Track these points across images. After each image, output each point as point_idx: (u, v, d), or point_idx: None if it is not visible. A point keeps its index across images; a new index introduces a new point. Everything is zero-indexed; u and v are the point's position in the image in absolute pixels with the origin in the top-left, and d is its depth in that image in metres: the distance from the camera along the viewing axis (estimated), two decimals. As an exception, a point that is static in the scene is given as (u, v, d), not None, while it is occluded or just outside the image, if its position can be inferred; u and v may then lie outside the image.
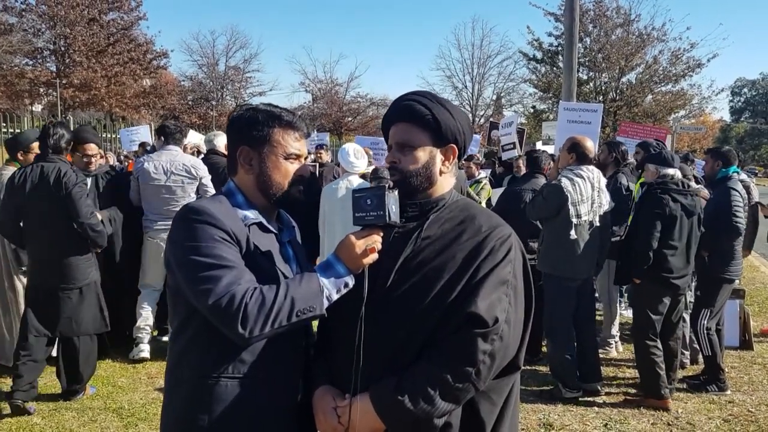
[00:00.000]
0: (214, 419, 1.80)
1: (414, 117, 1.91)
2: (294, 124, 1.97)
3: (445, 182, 1.98)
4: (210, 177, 5.96)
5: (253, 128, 1.93)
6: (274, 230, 1.99)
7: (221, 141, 6.47)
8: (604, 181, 5.31)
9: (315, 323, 1.99)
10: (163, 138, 6.09)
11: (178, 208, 5.71)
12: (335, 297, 1.79)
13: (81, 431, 4.36)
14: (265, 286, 1.74)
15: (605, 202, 5.21)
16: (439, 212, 1.93)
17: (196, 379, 1.83)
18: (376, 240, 1.80)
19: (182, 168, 5.81)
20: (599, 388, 5.25)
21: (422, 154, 1.91)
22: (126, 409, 4.73)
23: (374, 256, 1.80)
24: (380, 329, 1.80)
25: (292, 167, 1.97)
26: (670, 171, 5.04)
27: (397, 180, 1.87)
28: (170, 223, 5.98)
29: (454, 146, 1.96)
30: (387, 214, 1.75)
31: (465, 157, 9.15)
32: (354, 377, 1.77)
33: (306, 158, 2.04)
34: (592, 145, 5.30)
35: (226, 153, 5.81)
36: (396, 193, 1.80)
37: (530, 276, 1.91)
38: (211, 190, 5.80)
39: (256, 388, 1.83)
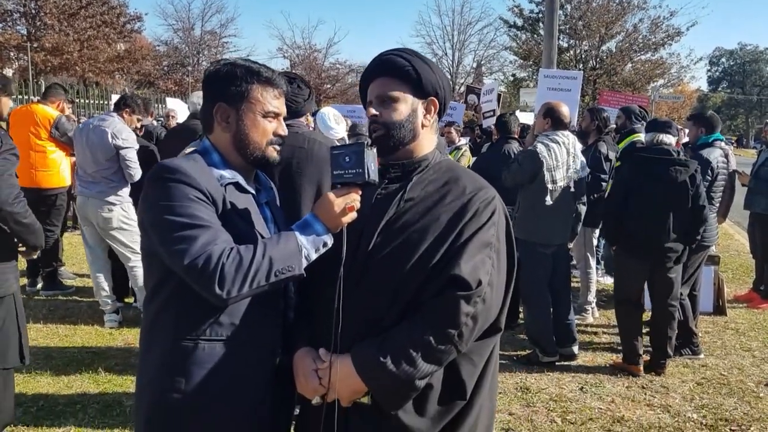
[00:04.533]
0: (191, 382, 1.77)
1: (394, 70, 1.88)
2: (273, 80, 1.90)
3: (427, 140, 1.94)
4: (135, 149, 5.82)
5: (231, 84, 1.86)
6: (251, 190, 1.93)
7: None
8: (579, 146, 5.30)
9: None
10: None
11: (101, 173, 5.63)
12: (314, 257, 1.76)
13: (56, 398, 4.31)
14: (242, 246, 1.70)
15: (580, 167, 5.21)
16: (422, 173, 1.90)
17: (171, 341, 1.79)
18: (355, 198, 1.76)
19: (102, 133, 5.66)
20: (575, 351, 5.31)
21: (404, 106, 1.87)
22: (102, 375, 4.69)
23: (353, 215, 1.77)
24: (363, 292, 1.78)
25: (271, 126, 1.91)
26: (661, 136, 4.99)
27: (381, 135, 1.84)
28: (95, 185, 5.80)
29: (435, 99, 1.93)
30: (366, 171, 1.71)
31: (446, 123, 9.12)
32: (333, 338, 1.75)
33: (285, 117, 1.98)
34: (567, 111, 5.27)
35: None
36: (375, 150, 1.77)
37: (513, 239, 1.90)
38: (132, 165, 5.71)
39: (233, 351, 1.81)
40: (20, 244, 3.57)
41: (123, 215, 5.73)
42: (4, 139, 3.38)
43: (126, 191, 5.79)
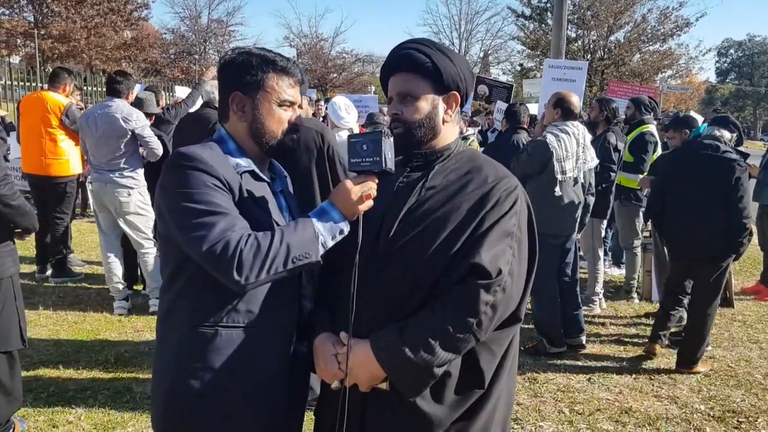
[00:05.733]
0: (208, 368, 1.79)
1: (414, 66, 1.87)
2: (288, 69, 1.90)
3: (449, 132, 1.94)
4: (149, 125, 5.85)
5: (247, 73, 1.86)
6: (266, 179, 1.94)
7: None
8: (589, 137, 5.28)
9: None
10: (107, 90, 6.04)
11: (117, 159, 5.65)
12: (330, 244, 1.77)
13: (66, 384, 4.34)
14: (260, 233, 1.71)
15: (590, 158, 5.19)
16: (444, 162, 1.90)
17: (189, 328, 1.80)
18: (372, 186, 1.77)
19: (112, 120, 5.65)
20: (583, 341, 5.33)
21: (424, 104, 1.86)
22: (112, 363, 4.71)
23: (369, 203, 1.78)
24: (384, 278, 1.79)
25: (286, 115, 1.91)
26: (714, 131, 4.91)
27: (402, 133, 1.84)
28: (111, 173, 5.73)
29: (456, 93, 1.91)
30: (383, 160, 1.72)
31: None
32: (349, 323, 1.76)
33: (300, 106, 1.99)
34: (577, 101, 5.26)
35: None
36: (392, 139, 1.77)
37: (534, 229, 1.90)
38: (151, 140, 5.72)
39: (249, 337, 1.82)
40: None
41: (140, 200, 5.76)
42: None
43: (141, 174, 5.81)
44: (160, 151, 5.74)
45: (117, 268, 5.86)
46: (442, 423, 1.79)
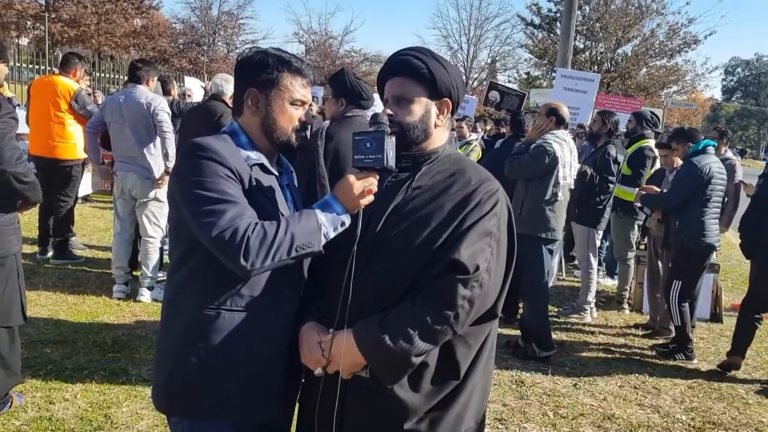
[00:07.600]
0: (211, 348, 1.89)
1: (410, 71, 1.97)
2: (302, 70, 2.02)
3: (439, 135, 2.04)
4: (168, 113, 5.89)
5: (263, 71, 1.98)
6: (275, 172, 2.05)
7: (230, 90, 6.02)
8: (574, 145, 5.46)
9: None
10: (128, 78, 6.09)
11: (141, 148, 5.72)
12: (332, 235, 1.87)
13: (64, 363, 4.44)
14: (266, 222, 1.81)
15: (575, 165, 5.41)
16: (431, 164, 2.00)
17: (194, 309, 1.91)
18: (373, 182, 1.87)
19: (137, 105, 5.71)
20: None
21: (418, 107, 1.96)
22: (109, 345, 4.80)
23: (370, 198, 1.88)
24: (369, 272, 1.88)
25: (297, 113, 2.02)
26: None
27: (396, 133, 1.93)
28: (134, 158, 5.73)
29: (448, 100, 2.01)
30: (385, 157, 1.82)
31: (457, 117, 9.21)
32: (340, 313, 1.86)
33: (310, 106, 2.09)
34: (567, 111, 5.44)
35: (228, 102, 5.62)
36: (393, 139, 1.87)
37: (514, 230, 1.99)
38: (165, 125, 5.77)
39: (252, 321, 1.92)
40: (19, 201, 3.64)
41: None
42: (2, 103, 3.44)
43: (162, 160, 5.85)
44: (171, 135, 5.80)
45: (124, 253, 5.96)
46: (418, 410, 1.89)
